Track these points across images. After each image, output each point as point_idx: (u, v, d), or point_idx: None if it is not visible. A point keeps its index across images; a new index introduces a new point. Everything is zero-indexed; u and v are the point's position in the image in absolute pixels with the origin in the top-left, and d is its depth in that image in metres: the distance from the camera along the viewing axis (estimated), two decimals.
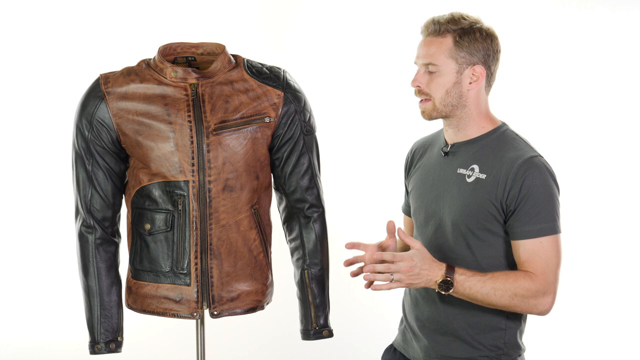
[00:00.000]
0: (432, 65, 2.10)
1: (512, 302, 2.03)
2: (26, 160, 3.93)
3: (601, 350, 3.88)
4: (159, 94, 2.14)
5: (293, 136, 2.22)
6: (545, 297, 2.04)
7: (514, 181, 2.05)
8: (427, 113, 2.15)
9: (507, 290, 2.02)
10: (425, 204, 2.21)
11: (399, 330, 2.36)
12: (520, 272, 2.05)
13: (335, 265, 2.41)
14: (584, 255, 3.86)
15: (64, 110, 2.99)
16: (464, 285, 2.03)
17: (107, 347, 2.21)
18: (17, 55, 3.89)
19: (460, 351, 2.15)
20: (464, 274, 2.03)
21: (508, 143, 2.13)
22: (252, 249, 2.21)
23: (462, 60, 2.10)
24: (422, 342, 2.22)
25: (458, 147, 2.17)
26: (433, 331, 2.19)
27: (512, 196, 2.05)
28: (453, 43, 2.09)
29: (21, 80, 3.91)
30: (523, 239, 2.05)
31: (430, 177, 2.22)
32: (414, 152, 2.37)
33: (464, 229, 2.11)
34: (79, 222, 2.20)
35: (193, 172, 2.12)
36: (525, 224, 2.05)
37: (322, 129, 2.41)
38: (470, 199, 2.09)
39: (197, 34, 2.79)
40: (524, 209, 2.04)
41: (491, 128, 2.16)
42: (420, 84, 2.13)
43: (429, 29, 2.13)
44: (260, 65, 2.24)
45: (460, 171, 2.14)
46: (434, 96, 2.11)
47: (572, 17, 3.95)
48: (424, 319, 2.21)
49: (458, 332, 2.15)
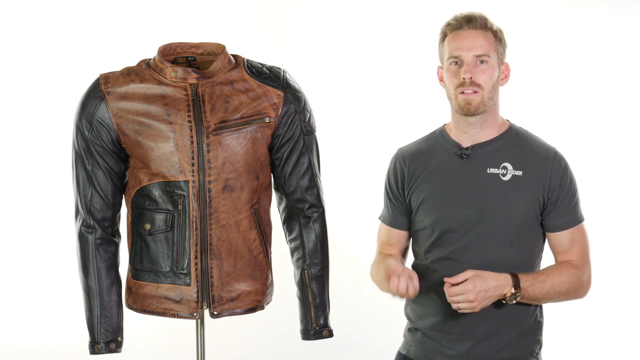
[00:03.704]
0: (486, 56, 2.10)
1: (568, 294, 2.13)
2: (26, 160, 3.93)
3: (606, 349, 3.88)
4: (159, 94, 2.13)
5: (293, 136, 2.22)
6: (589, 281, 2.17)
7: (553, 174, 2.13)
8: (474, 105, 2.10)
9: (563, 283, 2.11)
10: (452, 212, 2.15)
11: (412, 342, 2.27)
12: (564, 263, 2.15)
13: (335, 265, 2.41)
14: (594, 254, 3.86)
15: (64, 110, 2.98)
16: (527, 290, 2.08)
17: (107, 347, 2.21)
18: (17, 56, 3.89)
19: (506, 352, 2.16)
20: (527, 280, 2.08)
21: (528, 139, 2.20)
22: (252, 249, 2.21)
23: (501, 56, 2.15)
24: (460, 347, 2.17)
25: (479, 148, 2.15)
26: (480, 336, 2.15)
27: (553, 187, 2.12)
28: (494, 38, 2.13)
29: (21, 80, 3.91)
30: (565, 229, 2.15)
31: (452, 184, 2.16)
32: (407, 162, 2.27)
33: (511, 228, 2.12)
34: (79, 222, 2.20)
35: (193, 172, 2.12)
36: (566, 214, 2.14)
37: (322, 129, 2.41)
38: (513, 196, 2.11)
39: (197, 34, 2.78)
40: (565, 200, 2.14)
41: (506, 127, 2.20)
42: (474, 75, 2.10)
43: (472, 22, 2.12)
44: (260, 65, 2.23)
45: (491, 171, 2.13)
46: (485, 88, 2.10)
47: (572, 17, 3.95)
48: (469, 324, 2.15)
49: (505, 333, 2.15)
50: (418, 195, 2.22)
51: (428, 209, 2.20)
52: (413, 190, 2.24)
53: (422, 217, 2.21)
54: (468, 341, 2.15)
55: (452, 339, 2.17)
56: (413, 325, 2.27)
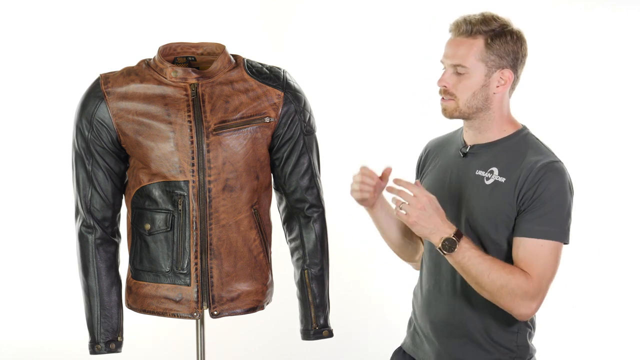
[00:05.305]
0: (461, 67, 2.05)
1: (500, 292, 1.98)
2: (26, 160, 3.94)
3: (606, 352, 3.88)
4: (159, 94, 2.14)
5: (293, 136, 2.22)
6: (532, 302, 1.99)
7: (530, 183, 2.01)
8: (448, 111, 2.10)
9: (500, 277, 1.97)
10: (441, 204, 2.18)
11: (407, 333, 2.33)
12: (519, 269, 2.00)
13: (335, 265, 2.41)
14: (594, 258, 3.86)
15: (64, 110, 2.99)
16: (464, 254, 1.98)
17: (107, 347, 2.21)
18: (17, 56, 3.90)
19: (473, 354, 2.13)
20: (469, 243, 1.99)
21: (529, 147, 2.09)
22: (252, 249, 2.21)
23: (492, 63, 2.05)
24: (434, 345, 2.19)
25: (478, 149, 2.14)
26: (446, 334, 2.16)
27: (527, 197, 2.02)
28: (484, 45, 2.04)
29: (21, 80, 3.91)
30: (525, 237, 2.01)
31: (447, 178, 2.18)
32: (427, 151, 2.32)
33: (481, 232, 2.08)
34: (79, 222, 2.20)
35: (193, 172, 2.12)
36: (530, 222, 2.01)
37: (322, 129, 2.41)
38: (488, 201, 2.06)
39: (197, 34, 2.78)
40: (533, 209, 2.01)
41: (512, 131, 2.13)
42: (447, 84, 2.08)
43: (460, 28, 2.07)
44: (260, 65, 2.23)
45: (478, 173, 2.11)
46: (460, 97, 2.07)
47: (572, 17, 3.95)
48: (437, 321, 2.18)
49: (472, 335, 2.12)
50: (424, 185, 2.24)
51: None
52: (423, 179, 2.29)
53: None
54: (439, 337, 2.19)
55: (429, 333, 2.21)
56: (412, 317, 2.31)
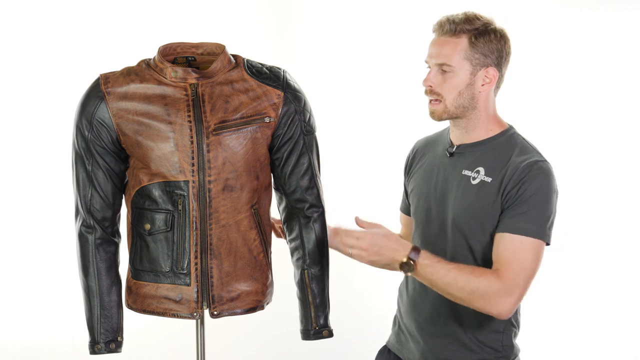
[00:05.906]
0: (446, 65, 2.06)
1: (472, 297, 1.97)
2: (26, 160, 3.94)
3: (596, 352, 3.88)
4: (159, 94, 2.14)
5: (293, 136, 2.22)
6: (508, 298, 1.96)
7: (515, 182, 2.01)
8: (437, 114, 2.11)
9: (469, 282, 1.96)
10: (427, 203, 2.19)
11: (392, 332, 2.35)
12: (488, 269, 1.99)
13: (335, 265, 2.41)
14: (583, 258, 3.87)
15: (64, 110, 2.98)
16: (425, 270, 1.98)
17: (107, 347, 2.21)
18: (17, 56, 3.90)
19: (458, 354, 2.14)
20: (428, 259, 1.98)
21: (515, 147, 2.09)
22: (252, 249, 2.21)
23: (477, 61, 2.06)
24: (419, 344, 2.20)
25: (464, 149, 2.14)
26: (431, 333, 2.17)
27: (510, 195, 2.02)
28: (468, 44, 2.05)
29: (21, 81, 3.91)
30: (505, 232, 2.00)
31: (434, 177, 2.19)
32: (415, 151, 2.34)
33: (467, 231, 2.08)
34: (79, 222, 2.20)
35: (193, 172, 2.12)
36: (511, 218, 2.00)
37: (322, 129, 2.41)
38: (474, 201, 2.07)
39: (197, 34, 2.78)
40: (516, 206, 2.00)
41: (499, 131, 2.13)
42: (433, 84, 2.09)
43: (443, 28, 2.07)
44: (260, 65, 2.23)
45: (465, 172, 2.12)
46: (446, 97, 2.07)
47: (572, 17, 3.95)
48: (422, 320, 2.20)
49: (457, 335, 2.14)
50: (412, 184, 2.28)
51: (413, 198, 2.27)
52: (410, 178, 2.31)
53: (412, 206, 2.29)
54: (424, 336, 2.20)
55: (414, 332, 2.22)
56: (397, 316, 2.34)
